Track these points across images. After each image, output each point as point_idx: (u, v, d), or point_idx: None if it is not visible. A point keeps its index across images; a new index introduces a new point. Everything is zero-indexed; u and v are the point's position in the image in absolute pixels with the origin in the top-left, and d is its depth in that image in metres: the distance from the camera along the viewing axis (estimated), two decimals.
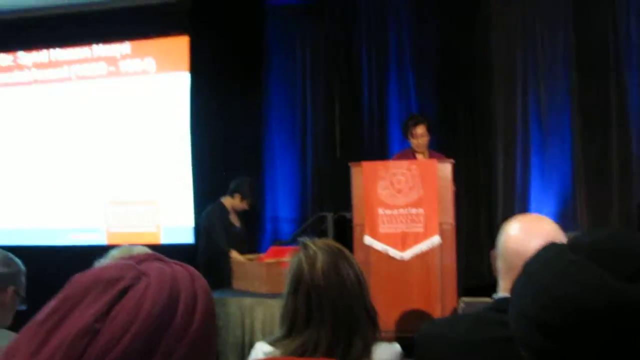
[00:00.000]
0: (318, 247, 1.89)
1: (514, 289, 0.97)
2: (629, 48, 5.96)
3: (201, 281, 0.92)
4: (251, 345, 2.11)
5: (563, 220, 5.96)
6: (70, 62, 6.95)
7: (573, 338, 0.85)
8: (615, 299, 0.83)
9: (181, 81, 6.72)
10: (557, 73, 6.16)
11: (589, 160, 6.07)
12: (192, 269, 0.94)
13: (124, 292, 0.83)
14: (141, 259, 0.91)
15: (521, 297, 0.93)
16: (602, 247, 0.90)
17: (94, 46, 6.88)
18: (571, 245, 0.93)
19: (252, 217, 6.61)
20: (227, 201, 5.45)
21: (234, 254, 5.14)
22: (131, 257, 0.92)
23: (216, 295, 4.60)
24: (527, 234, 1.71)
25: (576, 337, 0.85)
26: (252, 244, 6.35)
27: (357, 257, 4.14)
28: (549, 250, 0.95)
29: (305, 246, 1.91)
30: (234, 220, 5.50)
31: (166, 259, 0.95)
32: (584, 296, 0.85)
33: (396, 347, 1.98)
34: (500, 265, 1.81)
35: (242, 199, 5.39)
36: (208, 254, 5.35)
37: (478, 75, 6.40)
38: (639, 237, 0.92)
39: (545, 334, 0.88)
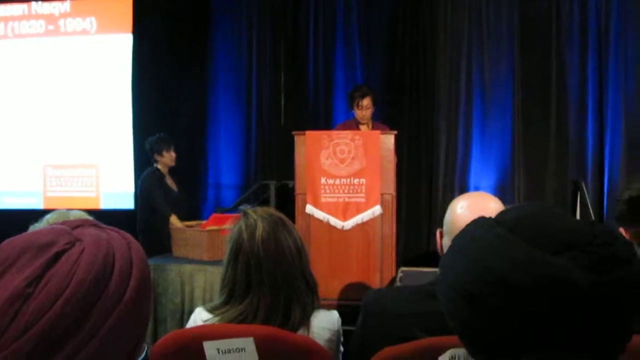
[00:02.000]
0: (258, 216, 1.90)
1: (442, 263, 0.98)
2: (571, 27, 6.04)
3: (137, 248, 0.91)
4: (191, 313, 2.11)
5: (501, 192, 6.08)
6: (7, 19, 6.80)
7: (499, 311, 0.86)
8: (540, 272, 0.84)
9: (123, 43, 6.62)
10: (501, 50, 6.20)
11: (528, 135, 6.14)
12: (128, 235, 0.93)
13: (57, 257, 0.83)
14: (76, 225, 0.90)
15: (450, 270, 0.94)
16: (527, 222, 0.90)
17: (33, 3, 6.74)
18: (498, 220, 0.93)
19: (193, 182, 6.65)
20: (160, 164, 5.48)
21: (174, 220, 5.13)
22: (66, 222, 0.91)
23: (156, 261, 4.58)
24: (473, 211, 1.74)
25: (502, 310, 0.86)
26: (193, 210, 6.44)
27: (299, 226, 4.41)
28: (477, 225, 0.95)
29: (245, 214, 1.92)
30: (171, 184, 5.51)
31: (102, 225, 0.94)
32: (509, 269, 0.85)
33: (334, 315, 2.00)
34: (446, 242, 1.84)
35: (166, 150, 5.41)
36: (147, 219, 5.34)
37: (424, 50, 6.42)
38: (563, 213, 0.93)
39: (472, 306, 0.88)
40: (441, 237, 1.88)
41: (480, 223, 0.96)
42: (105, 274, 0.85)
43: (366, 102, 5.28)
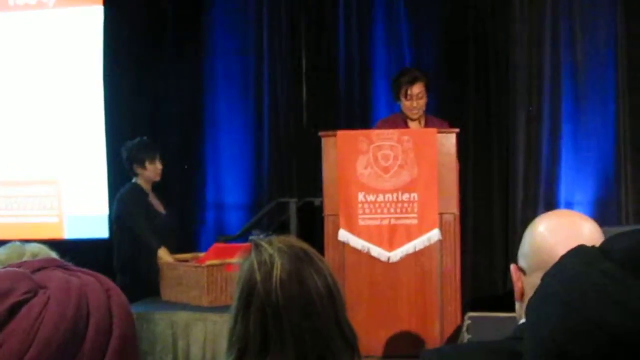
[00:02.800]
0: (275, 248, 1.88)
1: (529, 309, 0.97)
2: None
3: (118, 297, 0.91)
4: None
5: (602, 209, 6.04)
6: None
7: None
8: None
9: (91, 17, 6.71)
10: (598, 15, 6.20)
11: (639, 131, 6.13)
12: (106, 280, 0.93)
13: (13, 310, 0.83)
14: (38, 267, 0.90)
15: (540, 320, 0.93)
16: None
17: None
18: (604, 251, 0.92)
19: (187, 202, 6.76)
20: (141, 178, 5.58)
21: (162, 252, 5.19)
22: (24, 264, 0.91)
23: (139, 308, 4.61)
24: (562, 237, 1.73)
25: None
26: (188, 239, 6.58)
27: (330, 258, 4.48)
28: (576, 258, 0.94)
29: (258, 247, 1.91)
30: (157, 205, 5.61)
31: (71, 266, 0.94)
32: (624, 323, 0.84)
33: None
34: (529, 281, 1.83)
35: (150, 160, 5.51)
36: (126, 252, 5.42)
37: (493, 18, 6.43)
38: None
39: None
40: (519, 272, 1.87)
41: (580, 255, 0.94)
42: (77, 331, 0.85)
43: (417, 89, 5.29)
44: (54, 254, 1.85)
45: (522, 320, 1.81)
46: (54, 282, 0.88)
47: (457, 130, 4.65)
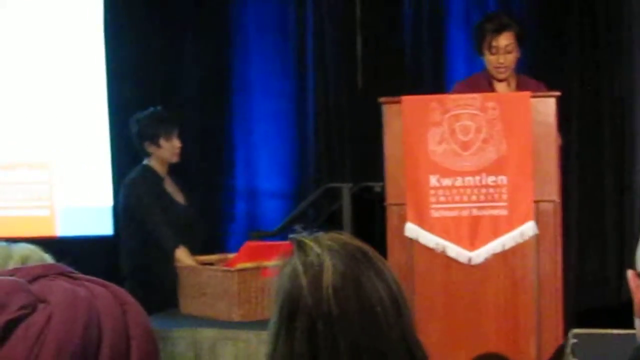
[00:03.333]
0: (324, 247, 1.88)
1: None
2: None
3: (136, 312, 0.91)
4: None
5: None
6: None
7: None
8: None
9: None
10: None
11: None
12: (121, 291, 0.93)
13: (6, 330, 0.83)
14: (34, 275, 0.90)
15: None
16: None
17: None
18: None
19: (212, 190, 6.82)
20: (154, 159, 5.62)
21: (181, 253, 5.23)
22: (16, 271, 0.91)
23: (153, 325, 4.50)
24: None
25: None
26: (213, 237, 6.55)
27: (394, 260, 4.46)
28: None
29: (301, 246, 1.90)
30: (174, 192, 5.65)
31: (77, 273, 0.94)
32: None
33: None
34: None
35: (165, 136, 5.54)
36: (136, 253, 5.48)
37: None
38: None
39: None
40: (639, 279, 1.87)
41: None
42: (86, 357, 0.85)
43: (505, 40, 5.25)
44: (48, 258, 1.86)
45: None
46: (56, 294, 0.88)
47: (558, 93, 4.58)
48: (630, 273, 1.87)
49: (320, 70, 6.94)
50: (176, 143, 5.58)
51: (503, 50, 5.21)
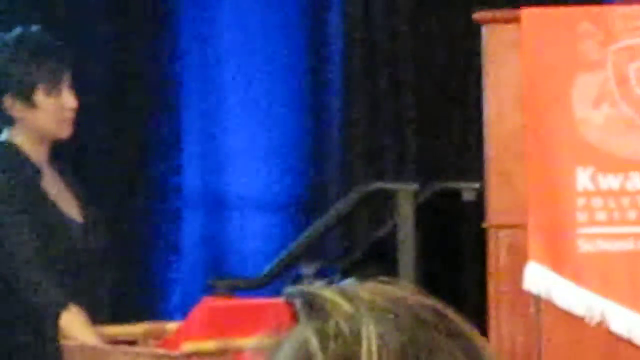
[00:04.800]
0: (362, 307, 1.12)
1: None
2: None
3: None
4: None
5: None
6: None
7: None
8: None
9: None
10: None
11: None
12: None
13: None
14: None
15: None
16: None
17: None
18: None
19: (138, 197, 6.22)
20: (21, 133, 4.54)
21: (72, 320, 4.17)
22: None
23: None
24: None
25: None
26: (139, 288, 5.95)
27: (499, 335, 3.96)
28: None
29: (316, 305, 1.13)
30: (62, 198, 4.56)
31: None
32: None
33: None
34: None
35: (47, 85, 4.52)
36: None
37: None
38: None
39: None
40: None
41: None
42: None
43: None
44: None
45: None
46: None
47: None
48: None
49: None
50: (68, 100, 4.50)
51: None
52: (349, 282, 1.20)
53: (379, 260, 5.21)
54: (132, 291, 5.74)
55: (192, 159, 6.35)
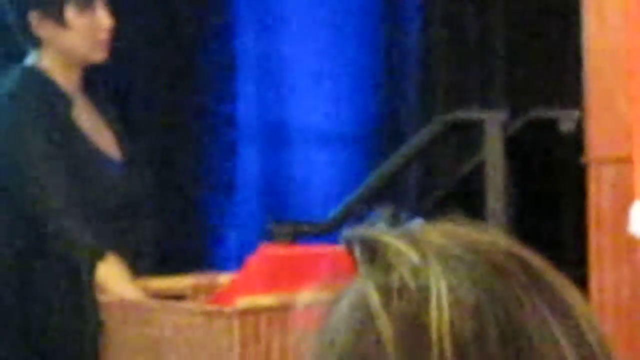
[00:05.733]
0: (432, 254, 1.13)
1: None
2: None
3: None
4: None
5: None
6: None
7: None
8: None
9: None
10: None
11: None
12: None
13: None
14: None
15: None
16: None
17: None
18: None
19: (185, 128, 6.08)
20: (49, 57, 4.32)
21: (111, 270, 3.99)
22: None
23: None
24: None
25: None
26: (186, 235, 5.80)
27: (601, 284, 4.05)
28: None
29: (378, 253, 1.13)
30: (96, 133, 4.38)
31: None
32: None
33: None
34: None
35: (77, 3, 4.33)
36: (7, 265, 4.28)
37: None
38: None
39: None
40: None
41: None
42: None
43: None
44: None
45: None
46: None
47: None
48: None
49: None
50: (103, 18, 4.29)
51: None
52: (417, 224, 1.15)
53: (462, 202, 5.01)
54: (180, 238, 5.64)
55: (247, 85, 6.11)
